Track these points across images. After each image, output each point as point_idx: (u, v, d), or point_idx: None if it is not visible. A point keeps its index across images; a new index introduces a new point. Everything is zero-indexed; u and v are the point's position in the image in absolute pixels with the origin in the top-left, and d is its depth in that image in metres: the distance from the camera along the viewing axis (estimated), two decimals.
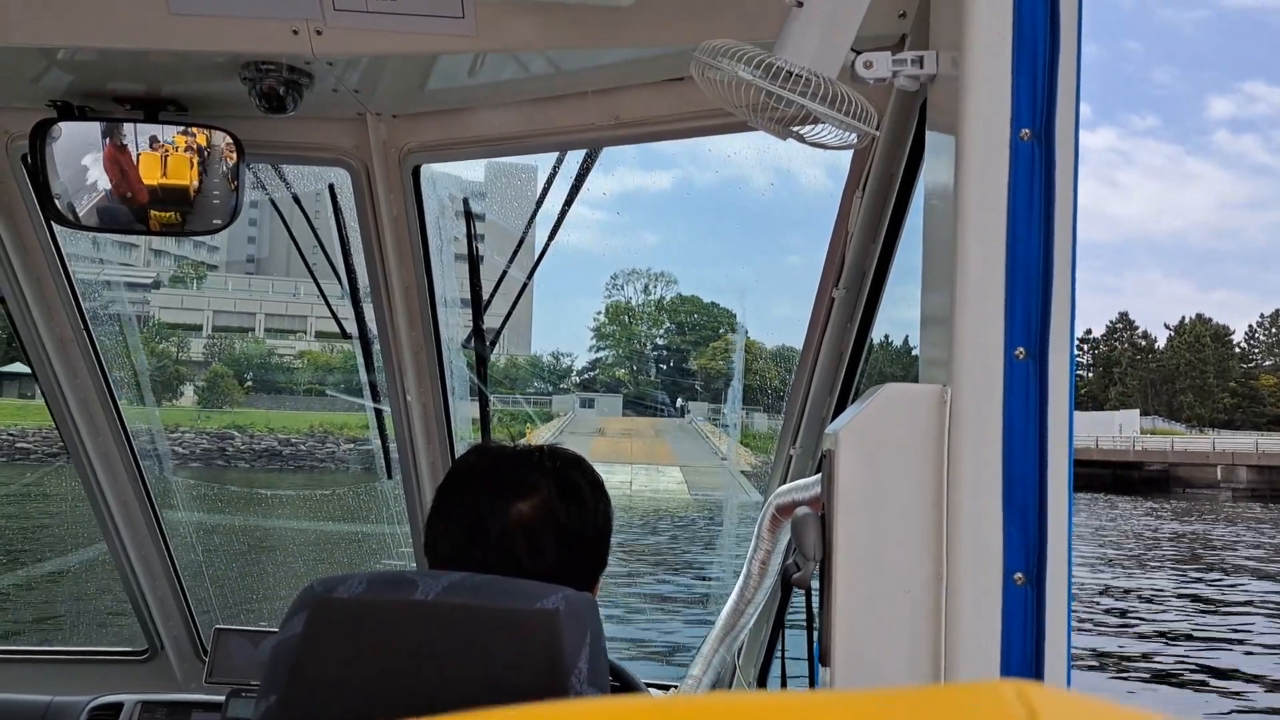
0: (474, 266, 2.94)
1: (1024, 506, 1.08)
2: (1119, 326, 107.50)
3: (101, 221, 2.44)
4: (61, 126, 2.36)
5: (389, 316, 2.77)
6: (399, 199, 2.61)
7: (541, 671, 1.16)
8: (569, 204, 2.73)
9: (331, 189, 2.71)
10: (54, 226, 2.74)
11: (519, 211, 3.15)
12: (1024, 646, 1.08)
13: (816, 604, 1.27)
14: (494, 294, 2.92)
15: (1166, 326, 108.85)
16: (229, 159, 2.39)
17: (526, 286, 3.08)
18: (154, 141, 2.37)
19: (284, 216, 2.93)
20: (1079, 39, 1.12)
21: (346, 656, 1.20)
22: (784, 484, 1.91)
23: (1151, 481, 59.01)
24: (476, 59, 2.22)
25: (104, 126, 2.37)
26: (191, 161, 2.38)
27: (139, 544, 3.28)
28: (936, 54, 1.27)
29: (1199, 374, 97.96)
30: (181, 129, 2.38)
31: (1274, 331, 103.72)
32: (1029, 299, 1.09)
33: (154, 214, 2.42)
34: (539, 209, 2.83)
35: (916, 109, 1.88)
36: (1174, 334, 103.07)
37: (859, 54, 1.29)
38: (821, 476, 1.25)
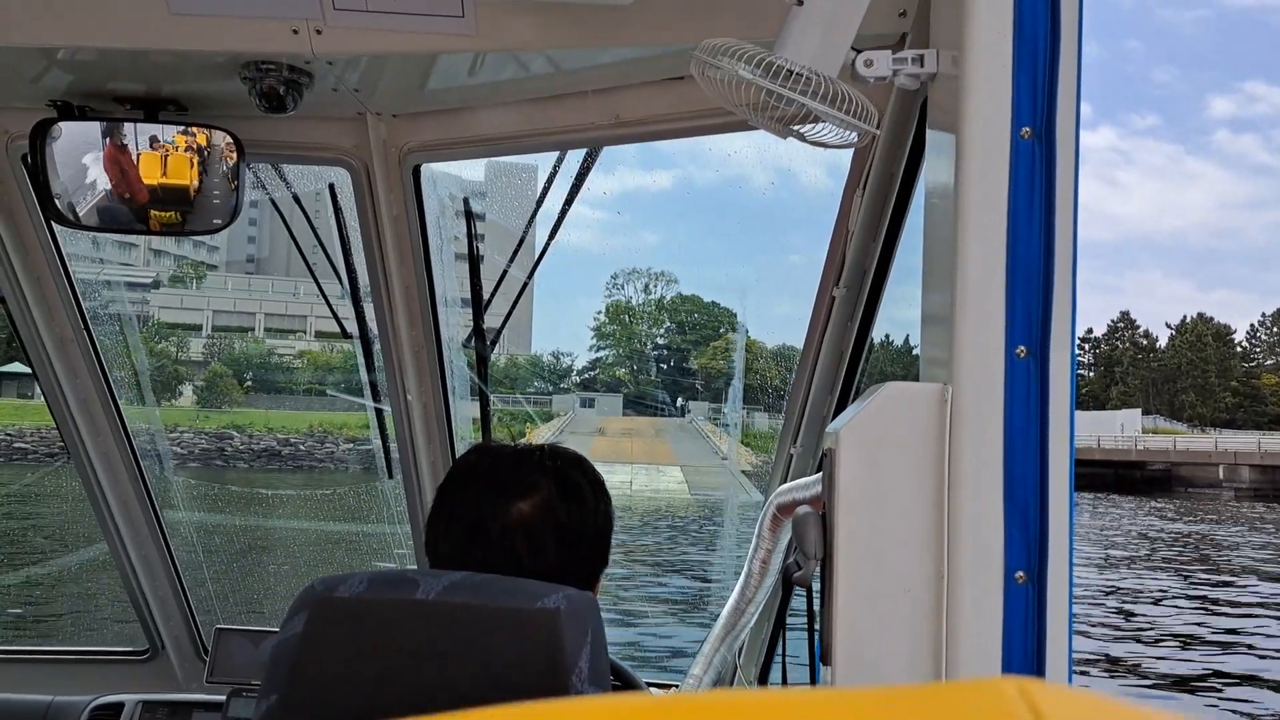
0: (474, 266, 2.94)
1: (1025, 505, 1.08)
2: (1120, 326, 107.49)
3: (101, 221, 2.44)
4: (61, 126, 2.36)
5: (389, 316, 2.77)
6: (399, 198, 2.61)
7: (542, 671, 1.16)
8: (569, 203, 2.73)
9: (331, 188, 2.70)
10: (54, 226, 2.74)
11: (519, 211, 3.15)
12: (1025, 645, 1.07)
13: (817, 603, 1.27)
14: (494, 293, 2.92)
15: (1168, 326, 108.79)
16: (229, 159, 2.39)
17: (527, 286, 3.08)
18: (154, 141, 2.37)
19: (284, 216, 2.93)
20: (1079, 37, 1.12)
21: (347, 656, 1.20)
22: (785, 483, 1.91)
23: (1154, 481, 58.92)
24: (476, 58, 2.22)
25: (104, 126, 2.37)
26: (191, 161, 2.38)
27: (139, 544, 3.28)
28: (937, 52, 1.26)
29: (1200, 373, 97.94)
30: (181, 129, 2.38)
31: (1275, 331, 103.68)
32: (1030, 297, 1.09)
33: (154, 214, 2.42)
34: (539, 208, 2.83)
35: (917, 108, 1.88)
36: (1175, 333, 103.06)
37: (859, 52, 1.29)
38: (822, 475, 1.25)
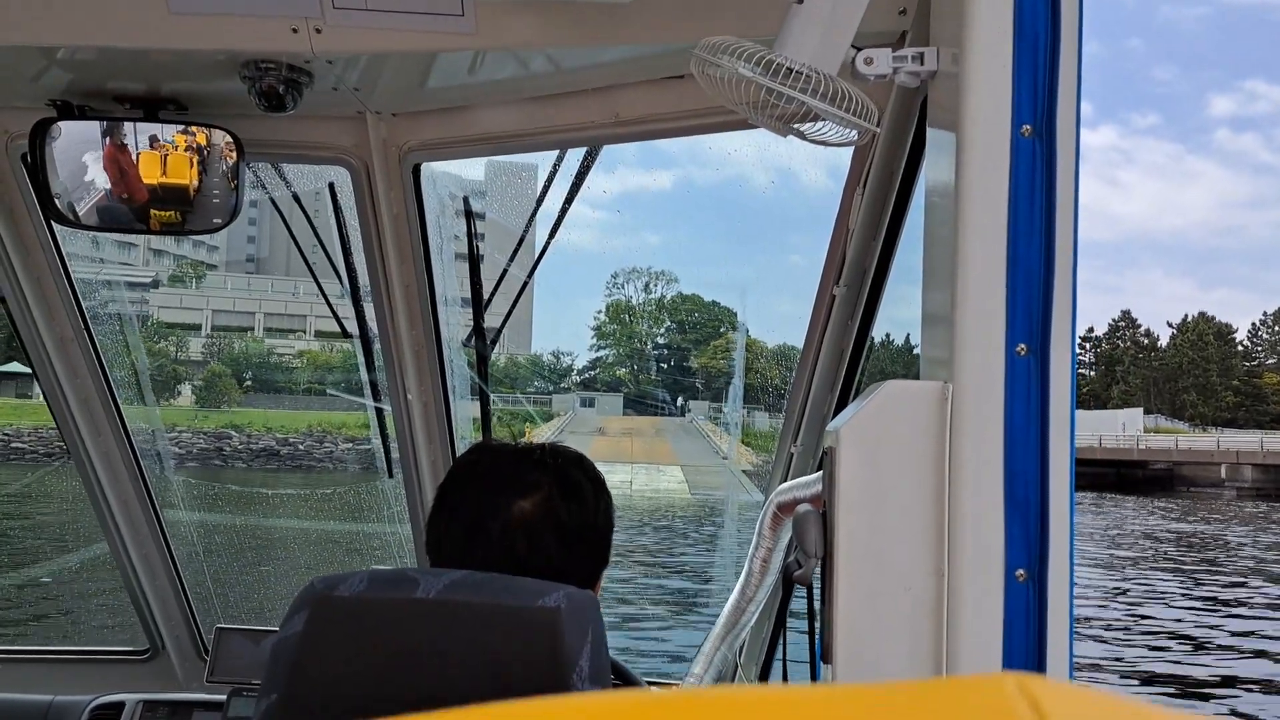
0: (474, 265, 2.94)
1: (1025, 503, 1.08)
2: (1121, 325, 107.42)
3: (102, 221, 2.44)
4: (61, 126, 2.35)
5: (389, 315, 2.77)
6: (399, 197, 2.61)
7: (543, 669, 1.16)
8: (569, 202, 2.73)
9: (331, 188, 2.70)
10: (54, 226, 2.74)
11: (519, 210, 3.15)
12: (1026, 643, 1.07)
13: (818, 602, 1.27)
14: (494, 293, 2.92)
15: (1169, 325, 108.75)
16: (229, 158, 2.39)
17: (527, 285, 3.07)
18: (154, 141, 2.37)
19: (284, 215, 2.93)
20: (1080, 34, 1.11)
21: (347, 655, 1.20)
22: (785, 482, 1.91)
23: (1156, 480, 58.82)
24: (476, 57, 2.21)
25: (104, 126, 2.37)
26: (191, 160, 2.38)
27: (140, 543, 3.28)
28: (937, 50, 1.26)
29: (1202, 372, 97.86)
30: (181, 128, 2.37)
31: (1277, 330, 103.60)
32: (1030, 295, 1.09)
33: (154, 213, 2.42)
34: (539, 207, 2.83)
35: (917, 106, 1.88)
36: (1177, 332, 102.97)
37: (859, 50, 1.29)
38: (823, 474, 1.25)
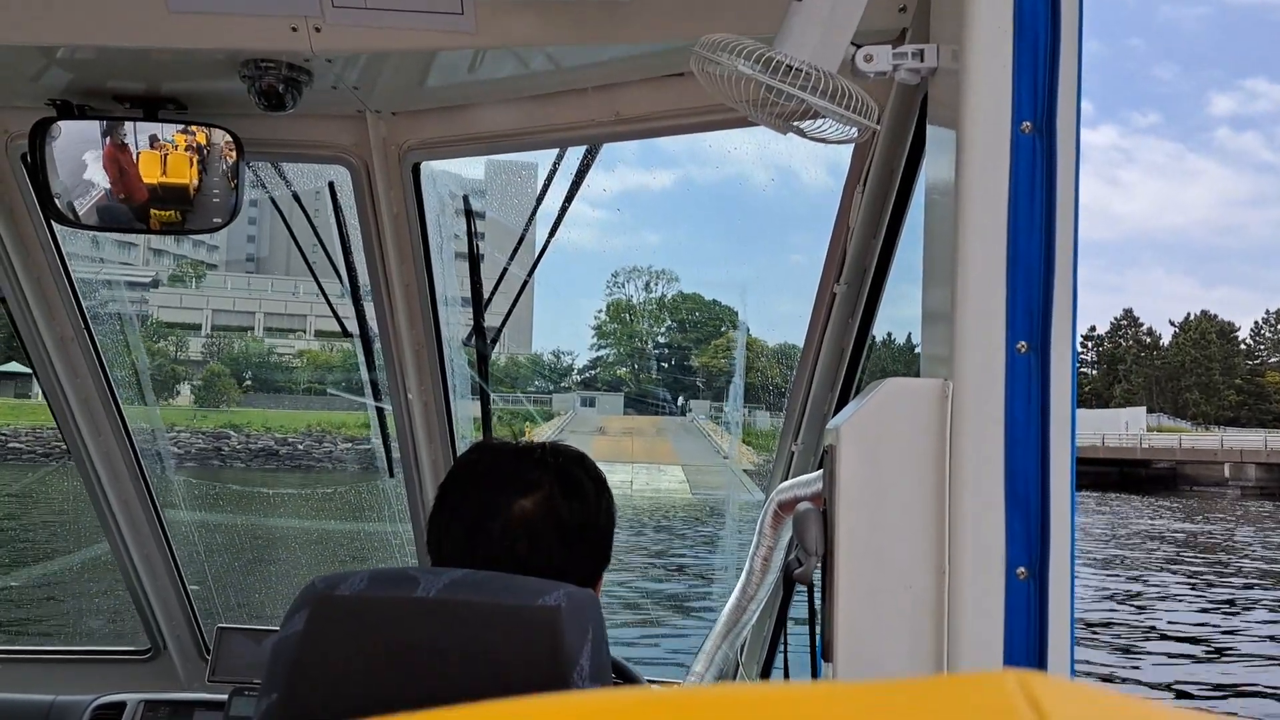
0: (474, 264, 2.94)
1: (1026, 500, 1.08)
2: (1123, 323, 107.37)
3: (101, 220, 2.44)
4: (61, 125, 2.35)
5: (390, 314, 2.76)
6: (399, 196, 2.61)
7: (543, 668, 1.16)
8: (569, 201, 2.72)
9: (331, 187, 2.70)
10: (54, 226, 2.74)
11: (519, 209, 3.14)
12: (1027, 641, 1.07)
13: (819, 600, 1.27)
14: (494, 292, 2.92)
15: (1171, 323, 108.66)
16: (229, 157, 2.38)
17: (527, 284, 3.07)
18: (154, 140, 2.37)
19: (284, 215, 2.93)
20: (1080, 31, 1.11)
21: (348, 653, 1.20)
22: (786, 480, 1.91)
23: (1159, 479, 58.71)
24: (476, 55, 2.21)
25: (104, 125, 2.37)
26: (191, 160, 2.38)
27: (141, 543, 3.28)
28: (937, 47, 1.26)
29: (1204, 371, 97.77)
30: (181, 127, 2.37)
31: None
32: (1030, 292, 1.09)
33: (154, 213, 2.42)
34: (539, 206, 2.83)
35: (917, 103, 1.88)
36: (1179, 331, 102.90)
37: (859, 48, 1.29)
38: (823, 472, 1.25)
